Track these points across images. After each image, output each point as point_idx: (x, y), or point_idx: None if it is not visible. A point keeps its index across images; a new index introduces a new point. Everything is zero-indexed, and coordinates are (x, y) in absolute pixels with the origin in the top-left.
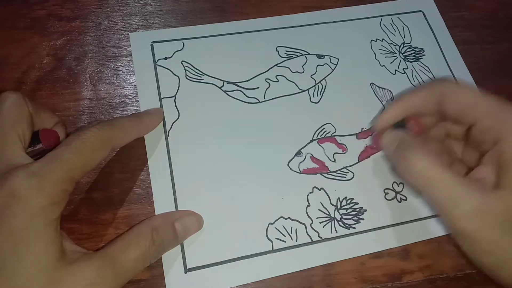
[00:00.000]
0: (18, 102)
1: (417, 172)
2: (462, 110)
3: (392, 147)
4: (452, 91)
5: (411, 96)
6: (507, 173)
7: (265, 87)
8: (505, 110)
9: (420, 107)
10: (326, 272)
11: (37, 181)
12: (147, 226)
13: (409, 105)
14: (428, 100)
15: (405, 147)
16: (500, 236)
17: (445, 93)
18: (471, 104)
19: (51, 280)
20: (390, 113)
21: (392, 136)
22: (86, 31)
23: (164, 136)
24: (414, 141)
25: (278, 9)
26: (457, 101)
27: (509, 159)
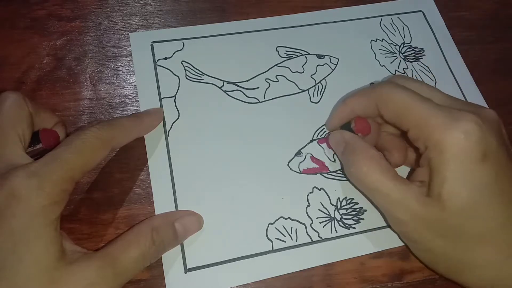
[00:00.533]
0: (18, 102)
1: (359, 178)
2: (394, 118)
3: (339, 148)
4: (386, 99)
5: (354, 100)
6: (431, 181)
7: (265, 87)
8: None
9: (361, 111)
10: (326, 272)
11: (37, 181)
12: (147, 226)
13: (352, 109)
14: (367, 106)
15: (348, 152)
16: (429, 240)
17: (380, 100)
18: (401, 112)
19: (51, 280)
20: (335, 117)
21: (337, 137)
22: (86, 31)
23: (164, 136)
24: (356, 145)
25: (278, 9)
26: (389, 108)
27: (433, 168)
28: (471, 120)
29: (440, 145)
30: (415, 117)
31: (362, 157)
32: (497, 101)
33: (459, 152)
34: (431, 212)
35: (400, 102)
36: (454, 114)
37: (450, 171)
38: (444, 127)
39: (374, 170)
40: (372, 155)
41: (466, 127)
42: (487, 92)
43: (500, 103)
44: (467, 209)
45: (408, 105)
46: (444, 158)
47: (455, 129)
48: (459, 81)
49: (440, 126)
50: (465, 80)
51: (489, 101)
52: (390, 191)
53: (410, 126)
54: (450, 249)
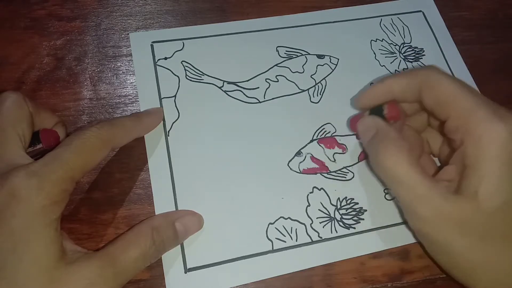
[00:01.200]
0: (18, 102)
1: (385, 168)
2: (436, 105)
3: (367, 135)
4: (431, 83)
5: (393, 80)
6: (466, 178)
7: (265, 87)
8: (476, 112)
9: (401, 93)
10: (326, 272)
11: (37, 181)
12: (148, 226)
13: (390, 89)
14: (408, 87)
15: (378, 139)
16: (452, 239)
17: (425, 83)
18: (445, 100)
19: (51, 279)
20: (369, 95)
21: (368, 123)
22: (86, 31)
23: (164, 136)
24: (388, 135)
25: (278, 9)
26: (433, 94)
27: (469, 165)
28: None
29: (481, 141)
30: (461, 107)
31: (392, 146)
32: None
33: (501, 151)
34: (461, 211)
35: (447, 89)
36: (500, 111)
37: (490, 169)
38: (489, 122)
39: (402, 161)
40: (402, 146)
41: None
42: (487, 92)
43: (500, 103)
44: (504, 210)
45: (455, 93)
46: (484, 155)
47: (501, 126)
48: None
49: (486, 120)
50: (465, 80)
51: None
52: (416, 184)
53: (452, 115)
54: (474, 250)
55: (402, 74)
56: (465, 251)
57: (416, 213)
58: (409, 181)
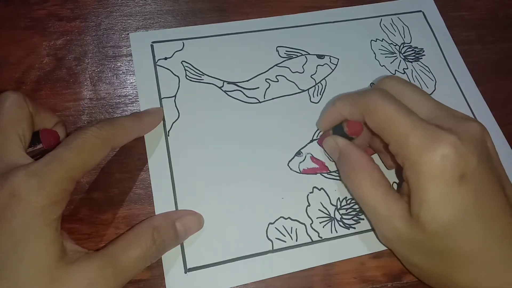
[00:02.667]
0: (18, 102)
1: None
2: (377, 129)
3: (334, 155)
4: (371, 108)
5: (342, 104)
6: (412, 202)
7: (265, 87)
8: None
9: (349, 115)
10: (326, 272)
11: (38, 181)
12: (148, 225)
13: (340, 111)
14: (354, 111)
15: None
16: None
17: (365, 108)
18: (384, 125)
19: (51, 279)
20: (326, 119)
21: (331, 144)
22: (86, 31)
23: (164, 136)
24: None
25: (278, 9)
26: (373, 118)
27: (411, 189)
28: (448, 142)
29: (416, 166)
30: (396, 133)
31: (355, 168)
32: (497, 101)
33: (435, 175)
34: (414, 233)
35: (383, 115)
36: (433, 133)
37: (427, 193)
38: (421, 148)
39: (365, 182)
40: (365, 166)
41: (443, 150)
42: (487, 92)
43: (500, 103)
44: (448, 231)
45: (390, 119)
46: (421, 180)
47: (432, 151)
48: (459, 81)
49: (418, 146)
50: (465, 80)
51: (489, 101)
52: (378, 206)
53: (390, 140)
54: (435, 268)
55: (349, 98)
56: (425, 266)
57: (380, 232)
58: (372, 203)
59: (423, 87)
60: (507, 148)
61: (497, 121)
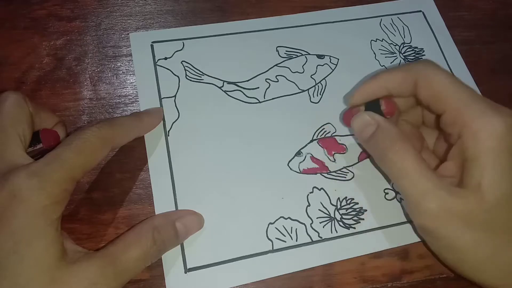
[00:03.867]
0: (18, 102)
1: (392, 162)
2: (432, 98)
3: (366, 132)
4: (427, 76)
5: (388, 75)
6: (468, 171)
7: (265, 87)
8: (473, 106)
9: (396, 87)
10: (326, 272)
11: (38, 181)
12: (148, 225)
13: (385, 84)
14: (404, 82)
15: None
16: (458, 234)
17: (420, 76)
18: (442, 93)
19: (52, 279)
20: (364, 90)
21: (366, 119)
22: (86, 31)
23: (164, 136)
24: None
25: (278, 9)
26: (429, 87)
27: (470, 158)
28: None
29: (479, 134)
30: (456, 100)
31: (398, 141)
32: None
33: (500, 143)
34: (466, 204)
35: (443, 82)
36: (495, 106)
37: (490, 161)
38: (486, 115)
39: (409, 155)
40: (407, 141)
41: (508, 119)
42: (487, 92)
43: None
44: (507, 201)
45: (451, 87)
46: (483, 147)
47: (498, 119)
48: None
49: (482, 113)
50: (465, 80)
51: None
52: (423, 178)
53: (448, 108)
54: (480, 244)
55: (397, 69)
56: (471, 245)
57: (422, 207)
58: (416, 175)
59: None
60: None
61: None
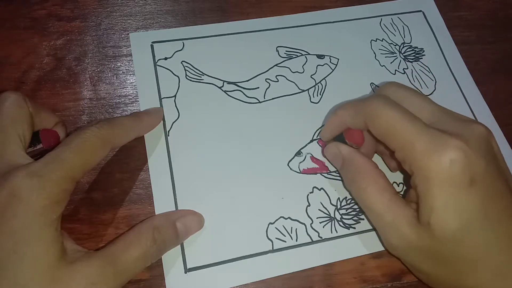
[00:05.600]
0: (18, 102)
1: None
2: (381, 136)
3: (336, 163)
4: (374, 115)
5: (344, 112)
6: (420, 208)
7: (265, 87)
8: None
9: (352, 124)
10: (326, 272)
11: (38, 181)
12: (148, 225)
13: (342, 120)
14: (356, 119)
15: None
16: (424, 264)
17: (367, 116)
18: (388, 132)
19: (52, 279)
20: (327, 129)
21: (333, 151)
22: (86, 31)
23: (164, 136)
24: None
25: (278, 9)
26: (376, 126)
27: (420, 195)
28: (456, 147)
29: (425, 172)
30: (401, 139)
31: (360, 174)
32: (497, 101)
33: (445, 180)
34: (422, 239)
35: (386, 122)
36: (440, 138)
37: (437, 199)
38: (429, 154)
39: (371, 188)
40: (370, 172)
41: (451, 154)
42: (487, 92)
43: (500, 103)
44: (457, 236)
45: (395, 126)
46: (430, 186)
47: (440, 157)
48: (459, 81)
49: (425, 152)
50: (465, 80)
51: (489, 101)
52: (384, 212)
53: (396, 147)
54: (443, 274)
55: (351, 105)
56: (432, 272)
57: (385, 239)
58: (377, 210)
59: (423, 87)
60: (507, 148)
61: (497, 122)
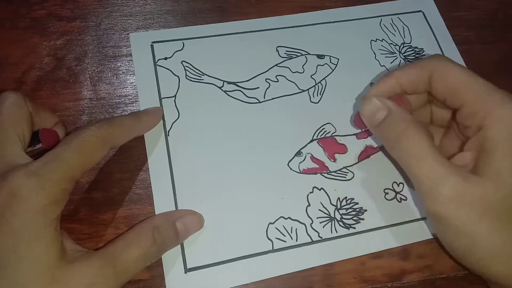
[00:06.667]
0: (18, 102)
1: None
2: (449, 92)
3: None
4: (441, 71)
5: (402, 72)
6: (488, 160)
7: (265, 87)
8: (492, 96)
9: (410, 84)
10: (326, 272)
11: (37, 181)
12: (148, 225)
13: (398, 81)
14: (418, 78)
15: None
16: (472, 221)
17: (435, 71)
18: (459, 86)
19: (51, 279)
20: (379, 88)
21: (376, 104)
22: (86, 31)
23: (164, 136)
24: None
25: (278, 9)
26: (445, 81)
27: (492, 146)
28: None
29: (501, 123)
30: (475, 92)
31: (412, 126)
32: None
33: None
34: (483, 191)
35: (458, 76)
36: None
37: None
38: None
39: (424, 140)
40: (420, 126)
41: None
42: None
43: None
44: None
45: (467, 80)
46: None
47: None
48: None
49: (502, 103)
50: None
51: None
52: (439, 164)
53: (467, 101)
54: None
55: (410, 66)
56: (484, 233)
57: (435, 193)
58: (430, 161)
59: None
60: None
61: None
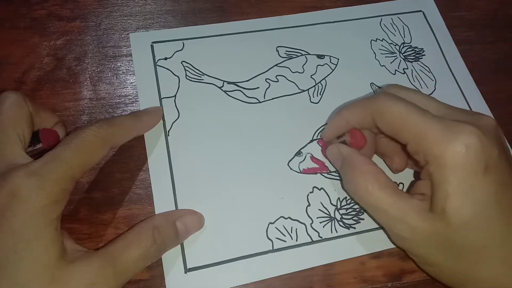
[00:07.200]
0: (18, 102)
1: (358, 196)
2: (391, 131)
3: (337, 163)
4: (382, 111)
5: (348, 111)
6: (434, 196)
7: (265, 87)
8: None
9: (357, 122)
10: (326, 272)
11: (37, 181)
12: (148, 225)
13: (347, 120)
14: (362, 117)
15: (346, 168)
16: (431, 254)
17: (376, 112)
18: (399, 125)
19: (51, 279)
20: (330, 129)
21: (334, 151)
22: (86, 31)
23: (164, 136)
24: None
25: (278, 9)
26: (385, 122)
27: (435, 183)
28: (470, 132)
29: (440, 160)
30: (413, 130)
31: (360, 173)
32: (497, 101)
33: (460, 166)
34: (434, 228)
35: (397, 115)
36: (452, 126)
37: (452, 186)
38: (443, 141)
39: (372, 186)
40: (370, 170)
41: (466, 140)
42: (487, 92)
43: (500, 103)
44: (472, 222)
45: (405, 118)
46: (445, 173)
47: (455, 142)
48: (459, 81)
49: (439, 139)
50: (465, 80)
51: (489, 101)
52: (389, 207)
53: (408, 139)
54: (453, 264)
55: (356, 105)
56: (444, 264)
57: (396, 234)
58: (382, 205)
59: (423, 87)
60: None
61: (497, 121)
